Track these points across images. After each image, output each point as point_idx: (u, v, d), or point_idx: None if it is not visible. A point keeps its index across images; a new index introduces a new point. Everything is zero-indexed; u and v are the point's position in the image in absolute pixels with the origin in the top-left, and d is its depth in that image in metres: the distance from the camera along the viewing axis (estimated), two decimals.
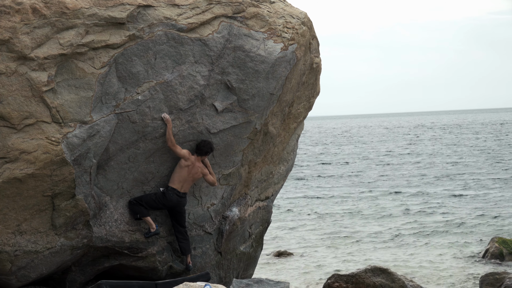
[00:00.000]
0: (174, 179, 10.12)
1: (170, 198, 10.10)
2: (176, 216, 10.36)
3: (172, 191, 10.12)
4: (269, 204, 12.12)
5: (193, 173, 10.18)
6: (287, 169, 12.33)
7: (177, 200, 10.18)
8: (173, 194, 10.12)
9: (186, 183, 10.21)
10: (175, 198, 10.15)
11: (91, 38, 9.15)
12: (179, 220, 10.40)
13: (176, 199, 10.16)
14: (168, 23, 9.59)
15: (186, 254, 10.53)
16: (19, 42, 8.73)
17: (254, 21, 10.17)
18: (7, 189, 8.99)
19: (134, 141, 9.80)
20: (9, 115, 8.80)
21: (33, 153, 8.94)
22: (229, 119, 10.33)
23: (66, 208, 9.43)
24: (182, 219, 10.41)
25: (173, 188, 10.12)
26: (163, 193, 10.10)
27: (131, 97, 9.54)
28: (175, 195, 10.14)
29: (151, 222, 10.11)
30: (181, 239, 10.43)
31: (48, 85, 8.95)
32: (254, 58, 10.11)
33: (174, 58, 9.71)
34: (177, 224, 10.40)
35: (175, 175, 10.11)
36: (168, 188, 10.12)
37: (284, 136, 11.69)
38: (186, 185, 10.22)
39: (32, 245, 9.44)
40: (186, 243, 10.46)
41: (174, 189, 10.13)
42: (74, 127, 9.14)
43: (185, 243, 10.46)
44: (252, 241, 11.92)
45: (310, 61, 11.17)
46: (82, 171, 9.37)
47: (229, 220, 11.13)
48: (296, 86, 11.07)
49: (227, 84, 10.14)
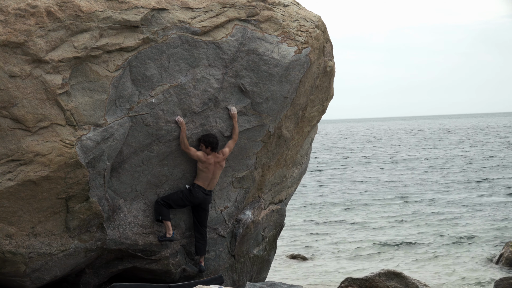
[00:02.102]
0: (199, 177, 10.11)
1: (197, 195, 10.09)
2: (200, 213, 10.29)
3: (198, 189, 10.10)
4: (282, 208, 12.06)
5: (215, 170, 10.13)
6: (300, 173, 12.28)
7: (203, 197, 10.15)
8: (199, 192, 10.10)
9: (211, 181, 10.18)
10: (202, 195, 10.13)
11: (105, 41, 9.13)
12: (202, 219, 10.34)
13: (202, 196, 10.14)
14: (182, 26, 9.56)
15: (200, 255, 10.48)
16: (33, 45, 8.73)
17: (268, 25, 10.14)
18: (22, 191, 9.00)
19: (148, 144, 9.76)
20: (23, 117, 8.80)
21: (48, 156, 8.94)
22: (243, 122, 10.29)
23: (80, 210, 9.42)
24: (204, 218, 10.37)
25: (199, 186, 10.11)
26: (190, 190, 10.08)
27: (145, 100, 9.52)
28: (201, 193, 10.12)
29: (169, 227, 10.07)
30: (199, 238, 10.38)
31: (62, 88, 8.94)
32: (267, 61, 10.08)
33: (188, 61, 9.68)
34: (198, 223, 10.35)
35: (199, 173, 10.09)
36: (194, 186, 10.10)
37: (298, 139, 11.63)
38: (211, 183, 10.20)
39: (46, 247, 9.43)
40: (203, 243, 10.42)
41: (200, 187, 10.11)
42: (88, 129, 9.13)
43: (202, 244, 10.42)
44: (266, 244, 11.87)
45: (323, 64, 11.11)
46: (96, 174, 9.35)
47: (242, 223, 11.09)
48: (309, 89, 11.03)
49: (240, 87, 10.11)
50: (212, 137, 9.95)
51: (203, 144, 9.95)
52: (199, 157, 9.97)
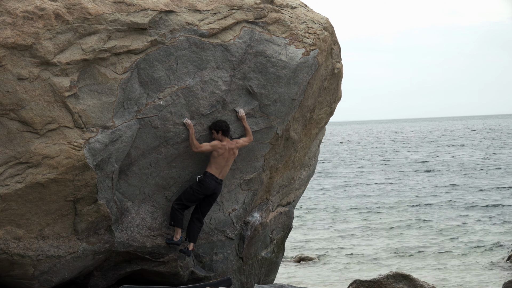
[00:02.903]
0: (212, 165, 9.97)
1: (208, 185, 9.96)
2: (206, 203, 10.16)
3: (211, 177, 9.97)
4: (290, 210, 12.04)
5: (228, 157, 10.03)
6: (308, 175, 12.25)
7: (215, 186, 10.02)
8: (211, 181, 9.97)
9: (224, 169, 10.06)
10: (213, 184, 10.00)
11: (113, 43, 9.11)
12: (206, 209, 10.22)
13: (214, 185, 10.00)
14: (190, 29, 9.54)
15: (193, 242, 10.27)
16: (42, 48, 8.73)
17: (275, 27, 10.11)
18: (30, 194, 9.00)
19: (156, 146, 9.74)
20: (31, 120, 8.80)
21: (56, 158, 8.93)
22: (251, 124, 10.27)
23: (88, 213, 9.42)
24: (208, 208, 10.25)
25: (211, 174, 9.98)
26: (200, 181, 9.94)
27: (153, 102, 9.50)
28: (213, 181, 10.00)
29: (178, 233, 10.02)
30: (198, 226, 10.21)
31: (70, 90, 8.93)
32: (275, 63, 10.06)
33: (195, 63, 9.66)
34: (200, 212, 10.20)
35: (212, 161, 9.95)
36: (206, 174, 9.97)
37: (306, 141, 11.60)
38: (224, 171, 10.07)
39: (55, 250, 9.44)
40: (198, 231, 10.26)
41: (213, 175, 9.98)
42: (96, 132, 9.12)
43: (198, 231, 10.24)
44: (274, 247, 11.85)
45: (331, 66, 11.08)
46: (104, 176, 9.35)
47: (250, 225, 11.08)
48: (317, 91, 11.00)
49: (248, 90, 10.09)
50: (221, 121, 9.87)
51: (214, 131, 9.87)
52: (215, 146, 9.86)
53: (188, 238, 10.22)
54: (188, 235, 10.21)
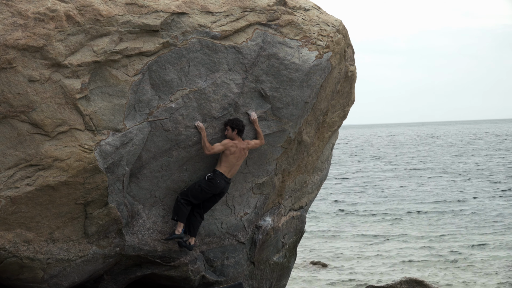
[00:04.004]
0: (222, 164, 9.90)
1: (218, 184, 9.89)
2: (212, 201, 10.11)
3: (220, 176, 9.90)
4: (302, 214, 11.99)
5: (239, 156, 9.97)
6: (321, 179, 12.21)
7: (224, 185, 9.97)
8: (221, 179, 9.90)
9: (234, 168, 10.01)
10: (222, 183, 9.94)
11: (125, 45, 9.12)
12: (209, 206, 10.17)
13: (223, 184, 9.95)
14: (202, 31, 9.52)
15: (194, 236, 10.22)
16: (53, 49, 8.74)
17: (288, 29, 10.06)
18: (40, 196, 9.01)
19: (167, 149, 9.71)
20: (42, 122, 8.82)
21: (66, 161, 8.94)
22: (263, 128, 10.23)
23: (98, 216, 9.42)
24: (212, 205, 10.20)
25: (221, 173, 9.90)
26: (210, 179, 9.87)
27: (165, 105, 9.49)
28: (223, 180, 9.94)
29: (181, 226, 9.90)
30: (199, 221, 10.15)
31: (81, 92, 8.93)
32: (288, 66, 10.01)
33: (207, 65, 9.64)
34: (203, 208, 10.14)
35: (222, 159, 9.89)
36: (216, 173, 9.90)
37: (318, 145, 11.55)
38: (233, 170, 10.01)
39: (65, 253, 9.45)
40: (199, 225, 10.22)
41: (222, 174, 9.91)
42: (107, 134, 9.12)
43: (199, 226, 10.20)
44: (286, 251, 11.81)
45: (345, 69, 11.04)
46: (115, 179, 9.35)
47: (262, 229, 11.05)
48: (330, 94, 10.97)
49: (261, 92, 10.06)
50: (239, 120, 9.84)
51: (229, 127, 9.83)
52: (226, 145, 9.81)
53: (189, 232, 10.13)
54: (189, 229, 10.12)
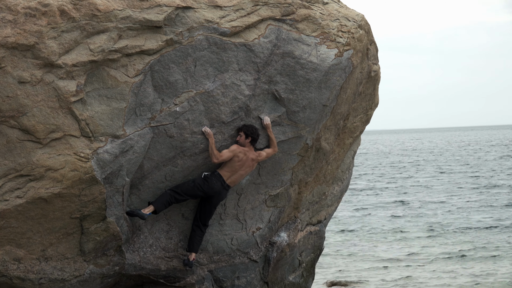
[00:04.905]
0: (224, 167, 9.71)
1: (212, 185, 9.65)
2: (206, 209, 9.88)
3: (218, 177, 9.67)
4: (321, 229, 11.77)
5: (246, 165, 9.77)
6: (341, 190, 12.02)
7: (219, 189, 9.70)
8: (217, 181, 9.67)
9: (236, 175, 9.77)
10: (218, 186, 9.67)
11: (125, 43, 8.96)
12: (207, 215, 9.94)
13: (218, 187, 9.68)
14: (210, 27, 9.35)
15: (195, 252, 10.01)
16: (45, 48, 8.59)
17: (305, 24, 9.85)
18: (32, 210, 8.86)
19: (171, 157, 9.53)
20: (34, 128, 8.66)
21: (60, 171, 8.79)
22: (277, 134, 10.01)
23: (96, 231, 9.27)
24: (209, 216, 9.97)
25: (220, 175, 9.69)
26: (206, 177, 9.66)
27: (168, 108, 9.32)
28: (219, 182, 9.68)
29: (151, 209, 9.48)
30: (198, 235, 9.94)
31: (77, 95, 8.78)
32: (305, 65, 9.80)
33: (216, 65, 9.47)
34: (200, 218, 9.93)
35: (226, 163, 9.70)
36: (215, 173, 9.70)
37: (339, 152, 11.39)
38: (235, 178, 9.78)
39: (59, 273, 9.29)
40: (200, 240, 10.01)
41: (221, 176, 9.69)
42: (105, 141, 8.98)
43: (199, 240, 10.00)
44: (303, 270, 11.53)
45: (367, 68, 10.84)
46: (114, 191, 9.19)
47: (276, 246, 10.80)
48: (352, 96, 10.77)
49: (274, 95, 9.87)
50: (255, 128, 9.69)
51: (243, 133, 9.66)
52: (234, 151, 9.64)
53: (189, 248, 10.00)
54: (188, 245, 10.03)
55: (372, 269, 19.00)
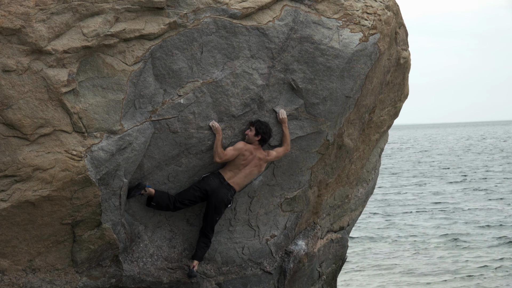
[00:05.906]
0: (226, 166, 9.47)
1: (210, 181, 9.39)
2: (207, 211, 9.49)
3: (217, 175, 9.43)
4: (344, 237, 11.55)
5: (251, 165, 9.50)
6: (366, 192, 11.80)
7: (216, 186, 9.34)
8: (215, 178, 9.41)
9: (239, 175, 9.43)
10: (216, 183, 9.38)
11: (122, 26, 8.67)
12: (207, 220, 9.56)
13: (216, 185, 9.34)
14: (218, 8, 9.07)
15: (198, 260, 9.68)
16: (33, 32, 8.30)
17: (325, 5, 9.56)
18: (17, 215, 8.60)
19: (175, 155, 9.28)
20: (20, 122, 8.39)
21: (50, 171, 8.53)
22: (294, 129, 9.72)
23: (89, 239, 9.04)
24: (210, 220, 9.57)
25: (219, 173, 9.46)
26: (204, 177, 9.45)
27: (172, 100, 9.06)
28: (217, 179, 9.40)
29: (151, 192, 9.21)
30: (202, 241, 9.60)
31: (68, 85, 8.49)
32: (325, 51, 9.49)
33: (225, 51, 9.19)
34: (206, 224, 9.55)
35: (229, 162, 9.45)
36: (214, 173, 9.48)
37: (364, 150, 11.13)
38: (238, 178, 9.44)
39: (48, 286, 9.01)
40: (204, 247, 9.66)
41: (220, 174, 9.45)
42: (100, 138, 8.73)
43: (203, 247, 9.65)
44: (323, 283, 11.25)
45: (396, 55, 10.57)
46: (110, 193, 8.94)
47: (293, 256, 10.47)
48: (378, 87, 10.47)
49: (291, 85, 9.55)
50: (269, 128, 9.39)
51: (254, 129, 9.38)
52: (240, 150, 9.37)
53: (192, 255, 9.75)
54: (195, 255, 9.74)
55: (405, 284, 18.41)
